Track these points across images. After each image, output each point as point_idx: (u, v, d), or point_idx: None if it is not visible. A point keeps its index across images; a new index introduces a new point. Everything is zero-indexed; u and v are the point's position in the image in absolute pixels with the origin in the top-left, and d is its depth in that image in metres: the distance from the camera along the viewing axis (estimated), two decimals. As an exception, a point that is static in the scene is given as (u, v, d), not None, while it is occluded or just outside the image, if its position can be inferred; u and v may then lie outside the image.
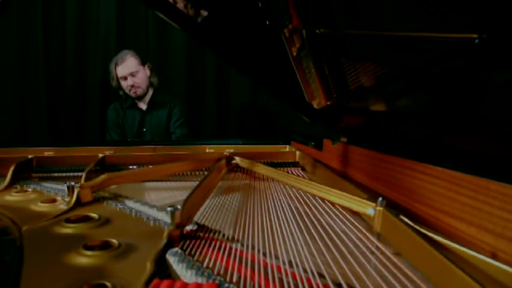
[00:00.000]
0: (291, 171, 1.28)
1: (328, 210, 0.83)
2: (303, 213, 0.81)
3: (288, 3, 0.99)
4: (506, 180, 0.53)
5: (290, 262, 0.55)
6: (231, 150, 1.45)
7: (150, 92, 2.60)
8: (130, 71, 2.44)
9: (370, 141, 1.06)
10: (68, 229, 0.70)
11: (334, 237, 0.66)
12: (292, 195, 0.97)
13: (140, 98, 2.56)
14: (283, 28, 1.03)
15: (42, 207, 0.87)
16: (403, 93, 0.83)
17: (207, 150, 1.58)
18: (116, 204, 0.87)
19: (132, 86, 2.47)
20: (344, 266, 0.54)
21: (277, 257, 0.57)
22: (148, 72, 2.55)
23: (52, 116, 2.96)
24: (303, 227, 0.72)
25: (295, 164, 1.38)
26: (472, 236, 0.59)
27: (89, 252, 0.58)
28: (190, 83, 3.14)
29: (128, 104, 2.60)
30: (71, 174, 1.26)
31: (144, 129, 2.59)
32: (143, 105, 2.61)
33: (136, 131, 2.59)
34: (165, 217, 0.76)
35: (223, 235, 0.66)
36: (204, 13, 1.04)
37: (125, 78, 2.46)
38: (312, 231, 0.70)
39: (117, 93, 2.82)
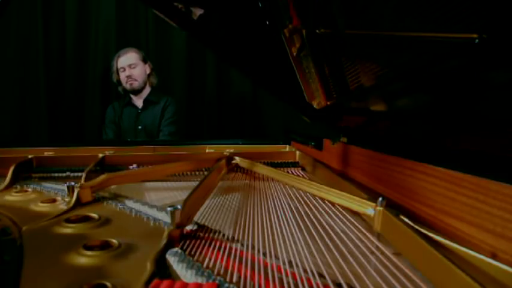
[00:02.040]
0: (291, 171, 1.28)
1: (328, 210, 0.83)
2: (303, 213, 0.81)
3: (288, 3, 0.99)
4: (506, 180, 0.53)
5: (290, 262, 0.55)
6: (231, 150, 1.45)
7: (148, 91, 2.66)
8: (129, 62, 2.55)
9: (370, 141, 1.06)
10: (68, 229, 0.70)
11: (334, 237, 0.66)
12: (292, 195, 0.97)
13: (136, 92, 2.61)
14: (283, 28, 1.03)
15: (42, 207, 0.87)
16: (403, 93, 0.83)
17: (207, 150, 1.58)
18: (116, 204, 0.87)
19: (129, 77, 2.55)
20: (344, 266, 0.54)
21: (277, 257, 0.57)
22: (148, 69, 2.64)
23: (52, 116, 2.96)
24: (303, 227, 0.72)
25: (295, 164, 1.38)
26: (472, 236, 0.59)
27: (88, 252, 0.58)
28: (190, 82, 3.13)
29: (125, 101, 2.66)
30: (71, 174, 1.26)
31: (139, 127, 2.62)
32: (139, 104, 2.65)
33: (131, 129, 2.63)
34: (165, 217, 0.76)
35: (223, 235, 0.66)
36: (204, 13, 1.04)
37: (124, 69, 2.56)
38: (312, 231, 0.70)
39: (117, 93, 2.82)
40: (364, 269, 0.53)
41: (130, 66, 2.55)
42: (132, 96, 2.65)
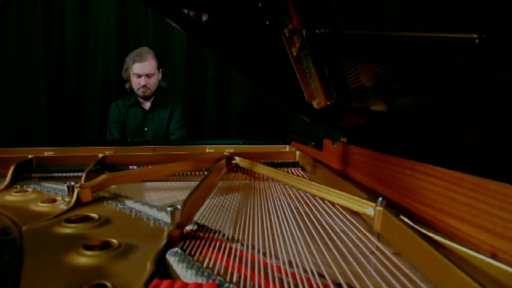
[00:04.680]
0: (291, 171, 1.28)
1: (328, 210, 0.83)
2: (303, 213, 0.81)
3: (288, 3, 0.99)
4: (506, 180, 0.53)
5: (290, 262, 0.55)
6: (231, 150, 1.45)
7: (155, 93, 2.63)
8: (147, 72, 2.47)
9: (370, 141, 1.06)
10: (68, 229, 0.70)
11: (334, 237, 0.66)
12: (292, 195, 0.97)
13: (146, 98, 2.58)
14: (283, 28, 1.03)
15: (42, 207, 0.87)
16: (403, 93, 0.83)
17: (207, 150, 1.58)
18: (116, 204, 0.87)
19: (144, 86, 2.49)
20: (344, 266, 0.54)
21: (277, 257, 0.57)
22: (160, 76, 2.59)
23: (52, 116, 2.96)
24: (303, 227, 0.72)
25: (295, 164, 1.38)
26: (472, 236, 0.59)
27: (89, 252, 0.58)
28: (191, 83, 3.13)
29: (132, 102, 2.61)
30: (71, 174, 1.26)
31: (146, 129, 2.60)
32: (146, 105, 2.62)
33: (137, 130, 2.60)
34: (165, 217, 0.76)
35: (223, 235, 0.66)
36: (205, 14, 1.04)
37: (140, 76, 2.48)
38: (312, 231, 0.70)
39: (118, 93, 2.82)
40: (364, 269, 0.53)
41: (148, 76, 2.48)
42: (140, 99, 2.62)
